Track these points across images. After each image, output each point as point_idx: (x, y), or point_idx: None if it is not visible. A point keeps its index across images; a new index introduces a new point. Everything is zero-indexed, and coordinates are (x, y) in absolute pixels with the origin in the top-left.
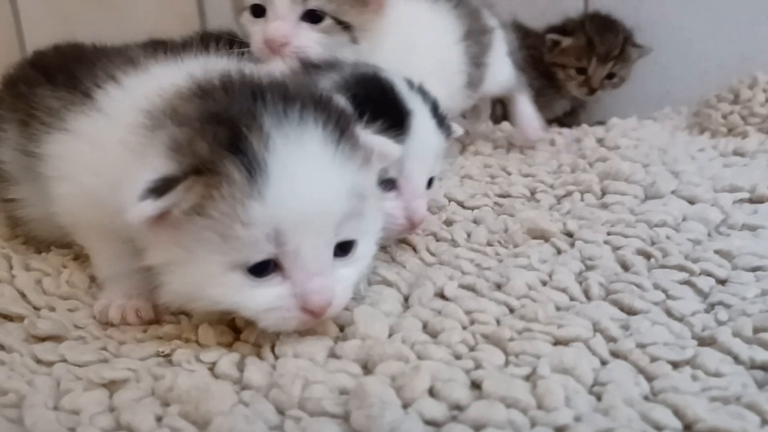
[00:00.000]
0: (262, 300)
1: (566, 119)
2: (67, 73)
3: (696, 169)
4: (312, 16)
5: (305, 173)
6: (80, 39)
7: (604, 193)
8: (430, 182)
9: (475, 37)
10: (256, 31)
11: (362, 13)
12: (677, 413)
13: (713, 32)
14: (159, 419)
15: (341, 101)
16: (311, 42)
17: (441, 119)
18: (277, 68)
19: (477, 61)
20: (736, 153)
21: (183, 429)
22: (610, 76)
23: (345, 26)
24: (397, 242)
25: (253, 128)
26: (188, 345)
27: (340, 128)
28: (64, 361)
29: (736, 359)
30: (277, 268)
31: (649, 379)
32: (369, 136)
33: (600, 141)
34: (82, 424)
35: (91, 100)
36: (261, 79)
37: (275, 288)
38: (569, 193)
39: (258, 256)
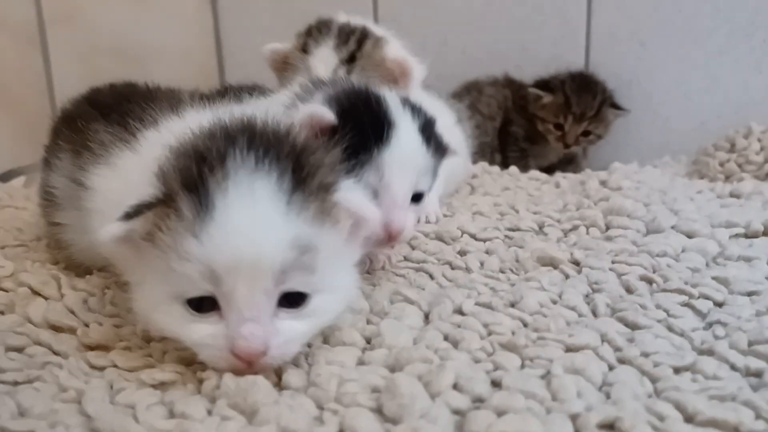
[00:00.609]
0: (197, 335)
1: (568, 168)
2: (120, 111)
3: (694, 208)
4: None
5: (245, 219)
6: None
7: (608, 227)
8: (419, 198)
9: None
10: None
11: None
12: (678, 407)
13: (710, 86)
14: (209, 412)
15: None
16: None
17: (431, 136)
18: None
19: None
20: (732, 195)
21: (233, 417)
22: (586, 133)
23: None
24: (415, 270)
25: (215, 170)
26: None
27: (297, 180)
28: (115, 366)
29: (733, 367)
30: (217, 306)
31: (653, 381)
32: (346, 196)
33: (603, 183)
34: (140, 412)
35: (133, 140)
36: (246, 124)
37: (211, 326)
38: (575, 227)
39: (194, 292)
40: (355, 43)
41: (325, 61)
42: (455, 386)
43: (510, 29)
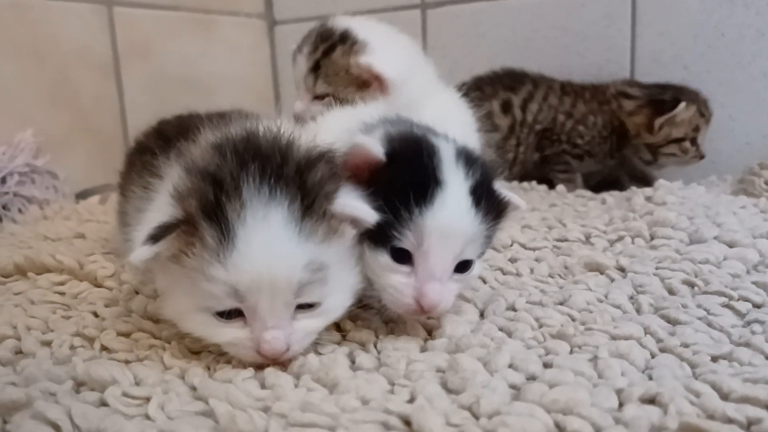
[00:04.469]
0: (225, 336)
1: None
2: (177, 144)
3: (737, 221)
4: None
5: (264, 249)
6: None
7: (652, 237)
8: (466, 266)
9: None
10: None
11: (362, 93)
12: (714, 387)
13: (754, 108)
14: (295, 385)
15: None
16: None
17: (484, 196)
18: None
19: None
20: None
21: (316, 389)
22: None
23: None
24: None
25: (232, 198)
26: None
27: (306, 205)
28: (209, 351)
29: (767, 357)
30: (242, 314)
31: (692, 366)
32: (345, 204)
33: (648, 198)
34: (238, 384)
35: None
36: (253, 145)
37: (237, 330)
38: (621, 238)
39: (220, 307)
40: (322, 51)
41: (300, 69)
42: (511, 365)
43: (556, 55)
